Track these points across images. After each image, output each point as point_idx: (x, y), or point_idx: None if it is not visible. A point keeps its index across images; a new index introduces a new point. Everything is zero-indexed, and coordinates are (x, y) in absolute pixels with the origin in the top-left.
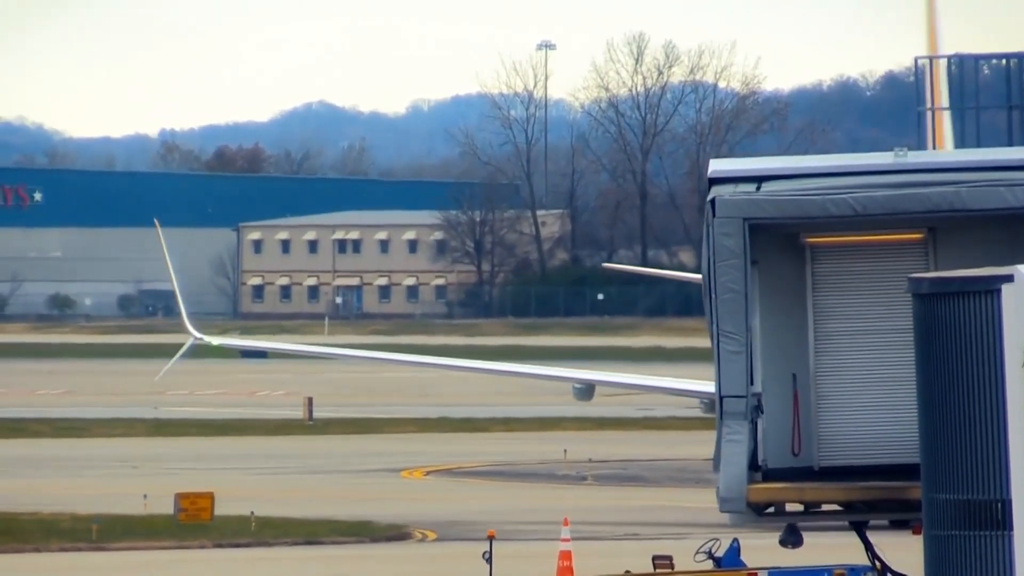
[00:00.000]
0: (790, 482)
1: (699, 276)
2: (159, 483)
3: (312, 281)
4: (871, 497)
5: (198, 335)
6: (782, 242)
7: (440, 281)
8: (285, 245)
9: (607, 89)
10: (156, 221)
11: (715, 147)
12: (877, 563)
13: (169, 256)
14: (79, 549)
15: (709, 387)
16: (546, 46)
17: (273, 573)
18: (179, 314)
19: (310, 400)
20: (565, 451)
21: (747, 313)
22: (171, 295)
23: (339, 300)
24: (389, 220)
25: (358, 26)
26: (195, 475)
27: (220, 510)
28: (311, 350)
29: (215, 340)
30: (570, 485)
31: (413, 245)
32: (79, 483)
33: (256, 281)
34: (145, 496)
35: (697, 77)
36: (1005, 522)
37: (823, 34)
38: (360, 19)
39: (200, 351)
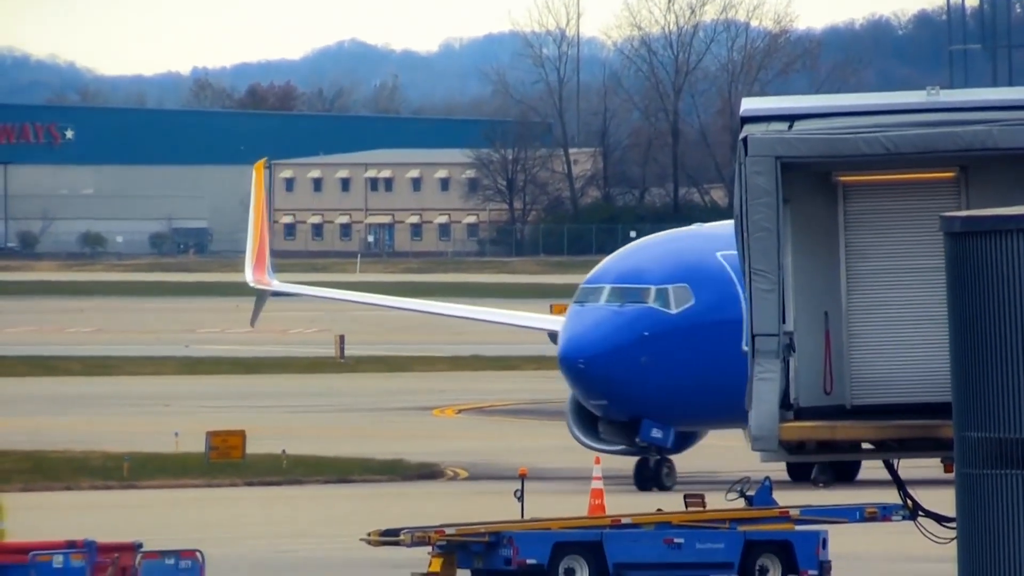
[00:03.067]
0: (822, 420)
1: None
2: (190, 421)
3: (344, 219)
4: (903, 436)
5: (256, 283)
6: (814, 181)
7: (472, 219)
8: (317, 183)
9: (639, 27)
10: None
11: (747, 86)
12: (909, 502)
13: (201, 194)
14: (110, 487)
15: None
16: None
17: (304, 511)
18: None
19: (342, 338)
20: None
21: (779, 252)
22: (203, 232)
23: (371, 238)
24: (421, 158)
25: None
26: (226, 413)
27: (251, 448)
28: (346, 296)
29: (277, 285)
30: None
31: (445, 183)
32: (110, 421)
33: (288, 219)
34: (176, 434)
35: (729, 15)
36: None
37: None
38: None
39: (232, 289)
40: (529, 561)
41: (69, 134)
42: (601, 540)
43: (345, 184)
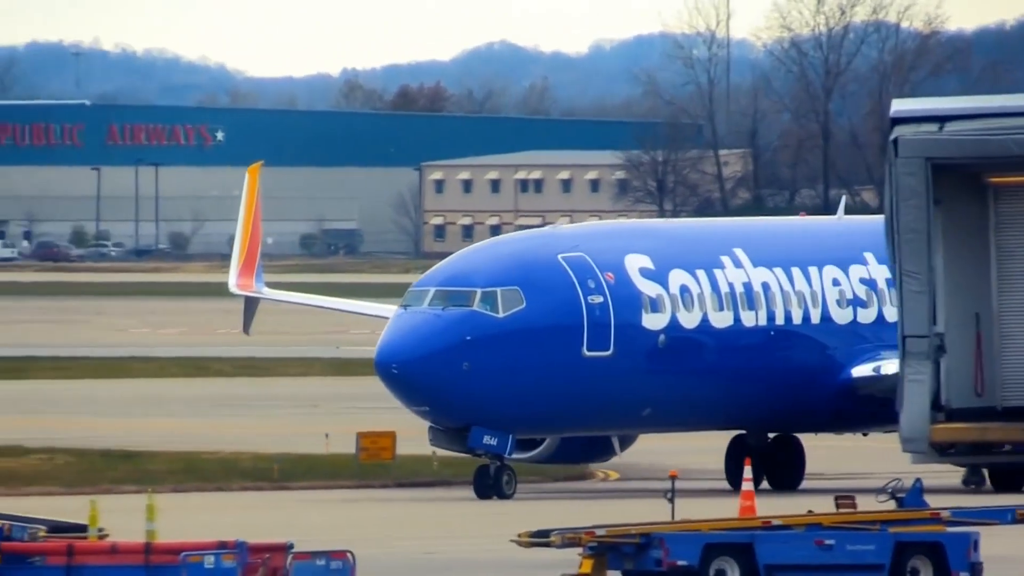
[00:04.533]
0: (973, 422)
1: None
2: (341, 422)
3: (494, 220)
4: None
5: (241, 288)
6: (965, 182)
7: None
8: (467, 185)
9: (789, 29)
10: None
11: (897, 87)
12: None
13: (351, 195)
14: (261, 488)
15: None
16: None
17: (454, 512)
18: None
19: None
20: None
21: (929, 253)
22: (353, 234)
23: None
24: (571, 160)
25: None
26: (377, 415)
27: (402, 449)
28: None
29: (267, 292)
30: None
31: (595, 184)
32: (261, 422)
33: (438, 220)
34: (327, 436)
35: (879, 16)
36: None
37: None
38: None
39: (384, 290)
40: (680, 562)
41: (219, 136)
42: (752, 541)
43: (495, 186)
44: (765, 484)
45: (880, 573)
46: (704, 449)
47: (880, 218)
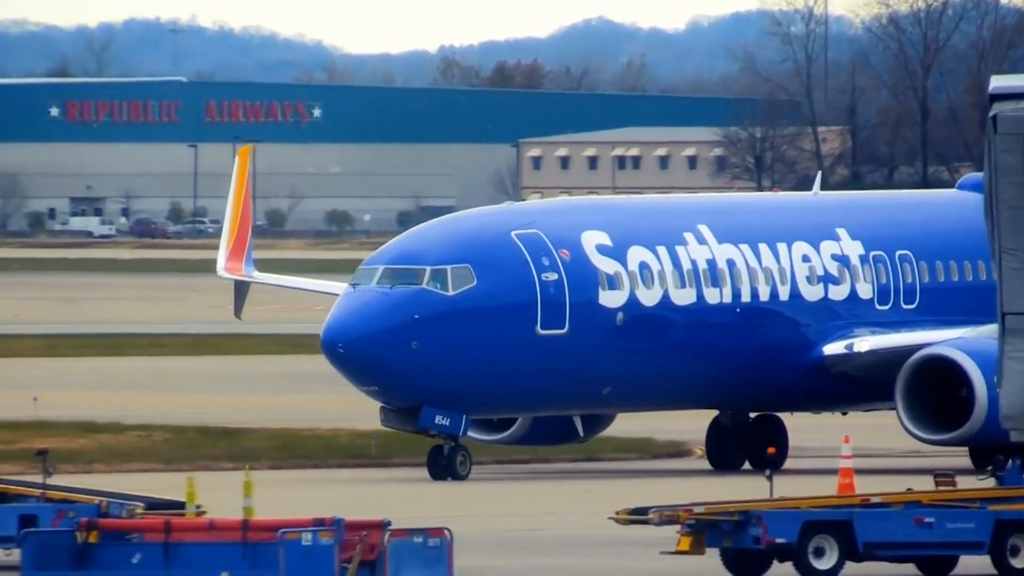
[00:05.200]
0: None
1: None
2: None
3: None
4: None
5: (229, 272)
6: None
7: None
8: (564, 161)
9: (887, 5)
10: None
11: (996, 64)
12: None
13: (448, 172)
14: (358, 465)
15: None
16: None
17: (552, 489)
18: None
19: None
20: None
21: None
22: (451, 211)
23: None
24: (668, 136)
25: None
26: None
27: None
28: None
29: (257, 276)
30: None
31: (693, 161)
32: (358, 399)
33: (535, 197)
34: None
35: None
36: None
37: None
38: None
39: None
40: (778, 540)
41: (316, 113)
42: (851, 519)
43: (592, 162)
44: (745, 465)
45: (980, 551)
46: (800, 427)
47: (854, 194)
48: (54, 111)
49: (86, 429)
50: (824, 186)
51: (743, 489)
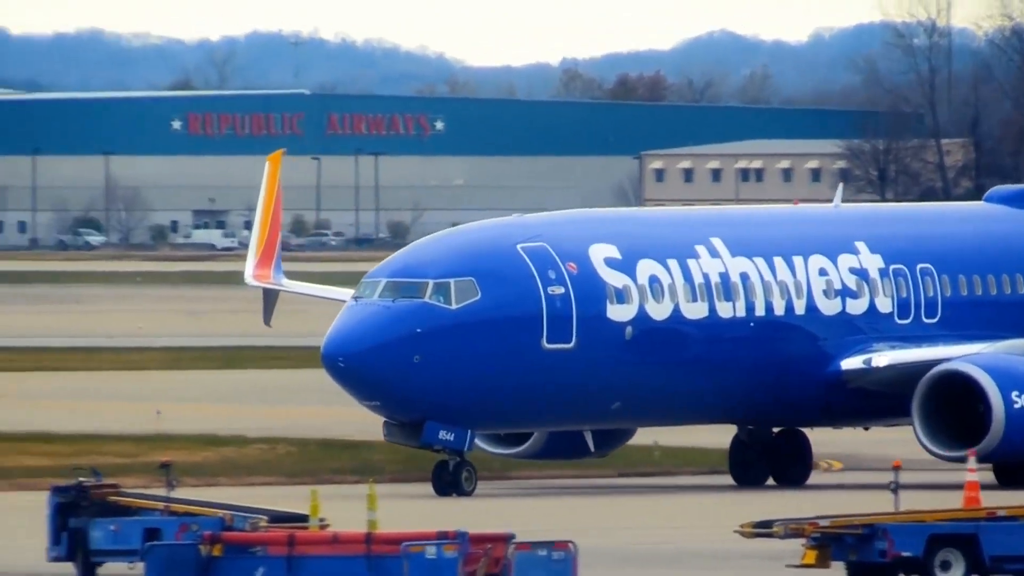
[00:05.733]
0: None
1: None
2: None
3: None
4: None
5: (257, 280)
6: None
7: None
8: (687, 174)
9: (1010, 18)
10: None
11: None
12: None
13: (571, 185)
14: (481, 478)
15: None
16: None
17: (677, 503)
18: None
19: None
20: None
21: None
22: None
23: None
24: (792, 149)
25: None
26: None
27: (717, 438)
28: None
29: (286, 284)
30: None
31: (816, 174)
32: None
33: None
34: None
35: None
36: None
37: None
38: None
39: None
40: (904, 554)
41: (439, 125)
42: (977, 532)
43: (716, 175)
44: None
45: None
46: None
47: (874, 207)
48: (177, 124)
49: (209, 442)
50: (947, 199)
51: (869, 503)
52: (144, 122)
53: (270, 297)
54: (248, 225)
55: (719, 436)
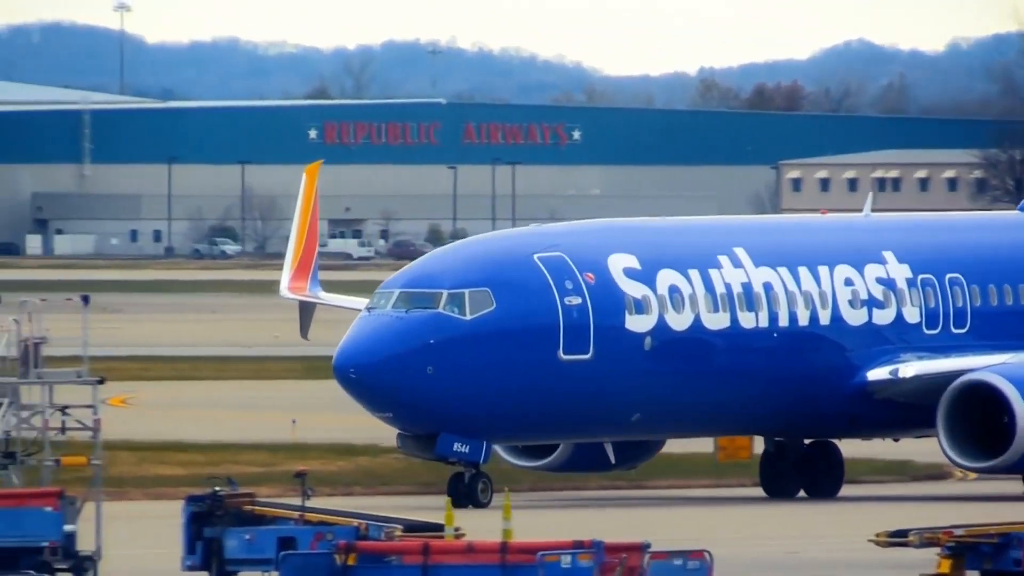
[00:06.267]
0: None
1: None
2: None
3: None
4: None
5: (293, 292)
6: None
7: None
8: (824, 183)
9: None
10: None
11: None
12: None
13: (707, 194)
14: (617, 487)
15: None
16: None
17: (812, 512)
18: None
19: None
20: None
21: None
22: None
23: None
24: (928, 158)
25: None
26: None
27: (759, 449)
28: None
29: (324, 296)
30: None
31: (953, 184)
32: None
33: None
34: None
35: None
36: None
37: None
38: None
39: None
40: None
41: (576, 135)
42: None
43: (852, 184)
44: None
45: None
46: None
47: (903, 216)
48: (313, 133)
49: (345, 451)
50: None
51: (1005, 512)
52: (280, 131)
53: (307, 310)
54: (384, 234)
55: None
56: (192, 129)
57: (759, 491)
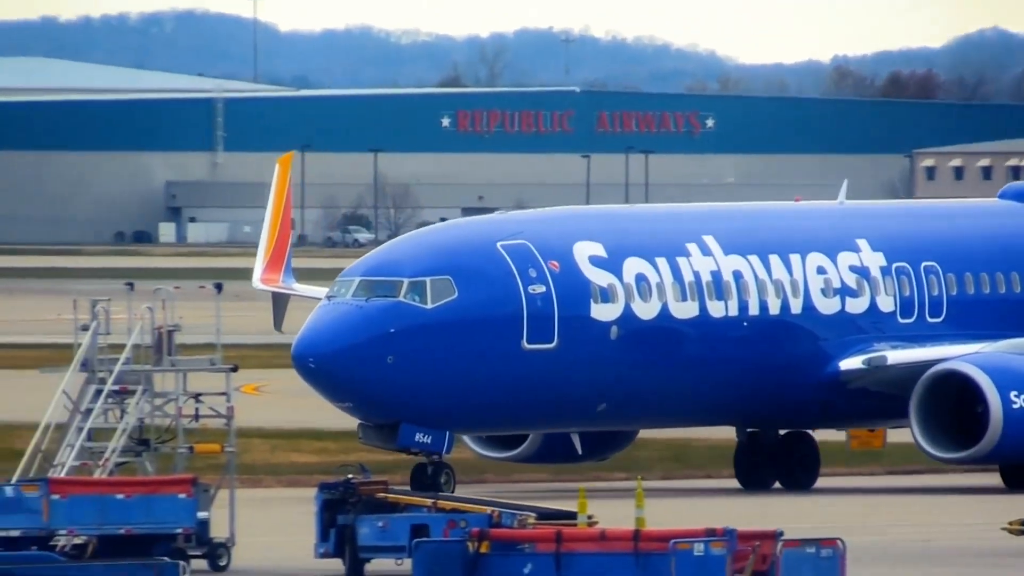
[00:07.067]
0: None
1: None
2: None
3: None
4: None
5: (265, 283)
6: None
7: None
8: (958, 172)
9: None
10: None
11: None
12: None
13: (841, 182)
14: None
15: None
16: None
17: (944, 500)
18: None
19: None
20: None
21: None
22: None
23: None
24: None
25: None
26: None
27: (893, 438)
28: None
29: (298, 288)
30: None
31: None
32: None
33: None
34: None
35: None
36: None
37: None
38: None
39: None
40: None
41: (709, 123)
42: None
43: (986, 173)
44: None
45: None
46: None
47: (879, 203)
48: (446, 121)
49: None
50: None
51: None
52: (413, 119)
53: (280, 301)
54: None
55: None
56: (325, 117)
57: (891, 480)
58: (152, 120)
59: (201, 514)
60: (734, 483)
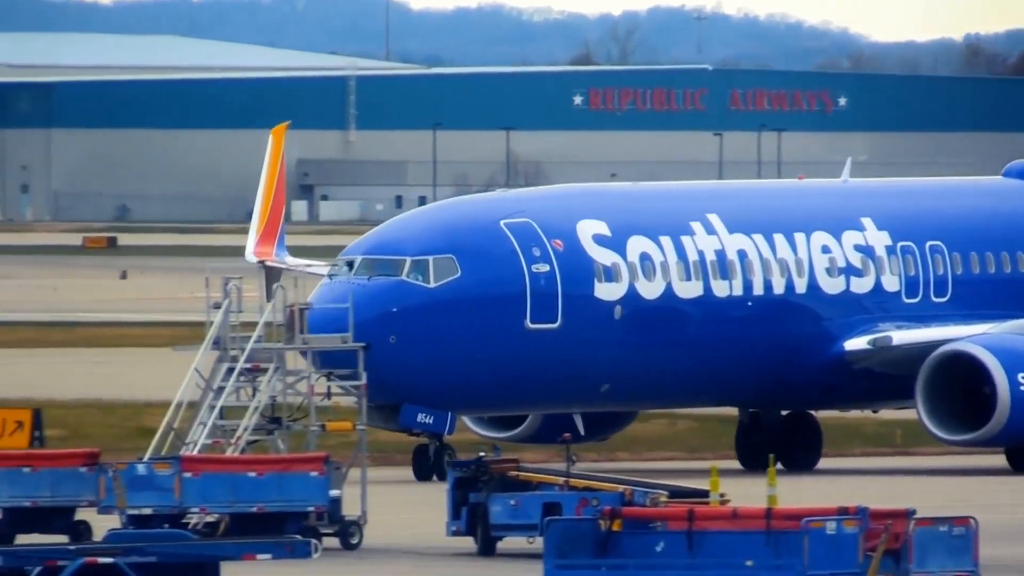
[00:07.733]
0: None
1: None
2: None
3: None
4: None
5: (259, 256)
6: None
7: None
8: None
9: None
10: None
11: None
12: None
13: (970, 161)
14: (882, 453)
15: None
16: None
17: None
18: None
19: None
20: None
21: None
22: None
23: None
24: None
25: None
26: None
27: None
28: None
29: (291, 261)
30: None
31: None
32: None
33: None
34: None
35: None
36: None
37: None
38: None
39: None
40: None
41: (842, 101)
42: None
43: None
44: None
45: None
46: None
47: (883, 182)
48: (578, 99)
49: None
50: None
51: None
52: (545, 97)
53: (272, 275)
54: None
55: None
56: (456, 95)
57: (1001, 459)
58: (284, 98)
59: (333, 492)
60: (867, 461)
